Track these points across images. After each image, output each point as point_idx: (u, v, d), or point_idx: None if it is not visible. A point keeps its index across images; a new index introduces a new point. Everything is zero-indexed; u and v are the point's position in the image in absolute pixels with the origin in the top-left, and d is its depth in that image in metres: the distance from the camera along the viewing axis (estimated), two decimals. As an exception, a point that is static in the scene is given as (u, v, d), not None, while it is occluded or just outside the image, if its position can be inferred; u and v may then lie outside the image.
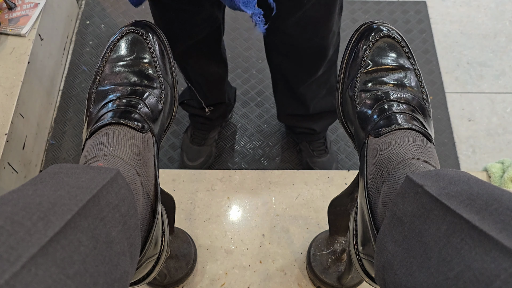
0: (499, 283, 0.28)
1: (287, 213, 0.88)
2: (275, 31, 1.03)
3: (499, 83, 1.66)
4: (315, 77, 1.12)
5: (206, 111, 1.26)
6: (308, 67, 1.10)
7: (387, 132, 0.50)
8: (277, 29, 1.00)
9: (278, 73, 1.20)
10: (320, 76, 1.13)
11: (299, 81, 1.15)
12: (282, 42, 1.05)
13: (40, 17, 1.43)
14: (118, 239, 0.37)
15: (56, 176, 0.38)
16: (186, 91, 1.37)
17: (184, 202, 0.89)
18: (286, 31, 0.99)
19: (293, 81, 1.16)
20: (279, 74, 1.20)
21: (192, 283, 0.81)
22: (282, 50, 1.08)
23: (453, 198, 0.36)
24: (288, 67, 1.13)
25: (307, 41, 1.01)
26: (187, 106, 1.37)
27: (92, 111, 0.53)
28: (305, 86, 1.15)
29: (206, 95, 1.26)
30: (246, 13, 0.67)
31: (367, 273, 0.51)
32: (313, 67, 1.10)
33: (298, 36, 0.99)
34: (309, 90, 1.17)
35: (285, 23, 0.96)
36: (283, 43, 1.05)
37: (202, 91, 1.24)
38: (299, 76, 1.14)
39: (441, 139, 1.54)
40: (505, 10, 1.84)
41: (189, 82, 1.22)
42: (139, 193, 0.46)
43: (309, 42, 1.01)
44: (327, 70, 1.12)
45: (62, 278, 0.29)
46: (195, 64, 1.16)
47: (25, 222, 0.30)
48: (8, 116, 1.25)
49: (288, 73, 1.16)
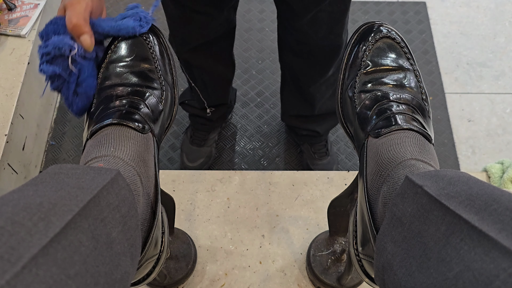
0: (498, 283, 0.28)
1: (287, 214, 0.88)
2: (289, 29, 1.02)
3: (498, 83, 1.66)
4: (325, 77, 1.12)
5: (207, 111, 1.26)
6: (320, 67, 1.10)
7: (387, 132, 0.50)
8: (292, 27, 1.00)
9: (289, 72, 1.19)
10: (330, 76, 1.13)
11: (310, 81, 1.14)
12: (296, 40, 1.04)
13: (40, 18, 1.43)
14: (119, 240, 0.37)
15: (57, 177, 0.38)
16: (187, 92, 1.36)
17: (184, 203, 0.89)
18: (301, 29, 0.98)
19: (304, 81, 1.16)
20: (290, 73, 1.19)
21: (192, 283, 0.81)
22: (295, 48, 1.08)
23: (453, 198, 0.36)
24: (299, 66, 1.13)
25: (322, 39, 1.00)
26: (188, 106, 1.37)
27: (93, 111, 0.54)
28: (315, 87, 1.15)
29: (210, 95, 1.26)
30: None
31: (367, 274, 0.51)
32: (326, 66, 1.09)
33: (313, 34, 0.98)
34: (319, 91, 1.17)
35: (300, 21, 0.95)
36: (297, 41, 1.04)
37: (206, 92, 1.24)
38: (310, 76, 1.13)
39: (441, 140, 1.54)
40: (504, 11, 1.84)
41: (193, 82, 1.22)
42: (139, 193, 0.47)
43: (324, 40, 1.00)
44: (336, 70, 1.12)
45: (63, 278, 0.29)
46: (203, 64, 1.16)
47: (26, 223, 0.30)
48: (8, 117, 1.25)
49: (299, 72, 1.15)
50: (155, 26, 0.59)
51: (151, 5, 0.58)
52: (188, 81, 1.24)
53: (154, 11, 0.58)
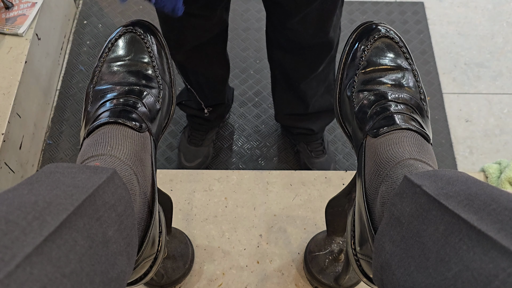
0: (497, 283, 0.28)
1: (284, 214, 0.88)
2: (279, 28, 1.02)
3: (496, 84, 1.67)
4: (316, 72, 1.12)
5: (205, 112, 1.26)
6: (310, 62, 1.10)
7: (385, 132, 0.50)
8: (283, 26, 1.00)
9: (279, 70, 1.19)
10: (321, 72, 1.13)
11: (300, 77, 1.14)
12: (286, 38, 1.04)
13: (38, 17, 1.43)
14: (115, 239, 0.37)
15: (52, 175, 0.38)
16: (184, 92, 1.36)
17: (181, 203, 0.89)
18: (292, 27, 0.98)
19: (294, 77, 1.16)
20: (280, 71, 1.19)
21: (189, 283, 0.81)
22: (285, 46, 1.07)
23: (451, 198, 0.36)
24: (290, 63, 1.12)
25: (312, 37, 1.00)
26: (185, 107, 1.37)
27: (90, 110, 0.53)
28: (306, 83, 1.15)
29: (207, 96, 1.26)
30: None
31: (365, 274, 0.51)
32: (316, 62, 1.09)
33: (303, 31, 0.98)
34: (310, 87, 1.17)
35: (291, 20, 0.95)
36: (287, 39, 1.04)
37: (202, 93, 1.23)
38: (300, 72, 1.13)
39: (439, 140, 1.54)
40: (502, 11, 1.84)
41: (188, 84, 1.22)
42: (136, 193, 0.46)
43: (314, 37, 1.00)
44: (326, 66, 1.12)
45: (58, 277, 0.29)
46: (198, 65, 1.16)
47: (20, 222, 0.30)
48: (5, 115, 1.24)
49: (289, 69, 1.15)
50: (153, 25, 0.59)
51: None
52: (184, 83, 1.24)
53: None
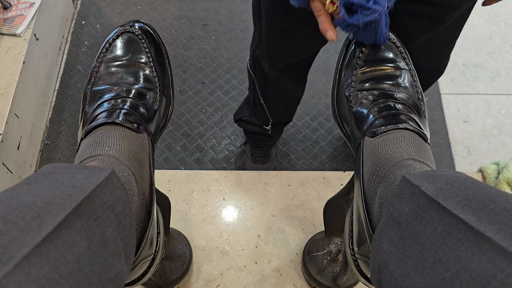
0: (495, 283, 0.28)
1: (282, 214, 0.88)
2: None
3: (494, 84, 1.67)
4: None
5: (267, 128, 1.19)
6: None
7: (383, 132, 0.50)
8: None
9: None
10: None
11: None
12: None
13: (36, 17, 1.43)
14: (113, 239, 0.37)
15: (50, 176, 0.38)
16: (244, 107, 1.27)
17: (179, 203, 0.89)
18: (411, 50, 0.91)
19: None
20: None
21: (187, 284, 0.81)
22: None
23: (450, 198, 0.36)
24: None
25: (429, 62, 0.94)
26: (247, 123, 1.28)
27: (88, 111, 0.53)
28: None
29: (278, 114, 1.19)
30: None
31: (363, 274, 0.51)
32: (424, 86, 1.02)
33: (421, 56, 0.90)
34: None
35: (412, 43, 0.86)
36: None
37: (275, 110, 1.16)
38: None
39: (437, 140, 1.55)
40: (500, 12, 1.84)
41: (263, 99, 1.13)
42: (134, 193, 0.46)
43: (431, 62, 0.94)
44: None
45: (56, 277, 0.29)
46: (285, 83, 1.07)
47: (18, 222, 0.30)
48: (3, 116, 1.24)
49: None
50: (151, 25, 0.59)
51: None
52: (254, 98, 1.15)
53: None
